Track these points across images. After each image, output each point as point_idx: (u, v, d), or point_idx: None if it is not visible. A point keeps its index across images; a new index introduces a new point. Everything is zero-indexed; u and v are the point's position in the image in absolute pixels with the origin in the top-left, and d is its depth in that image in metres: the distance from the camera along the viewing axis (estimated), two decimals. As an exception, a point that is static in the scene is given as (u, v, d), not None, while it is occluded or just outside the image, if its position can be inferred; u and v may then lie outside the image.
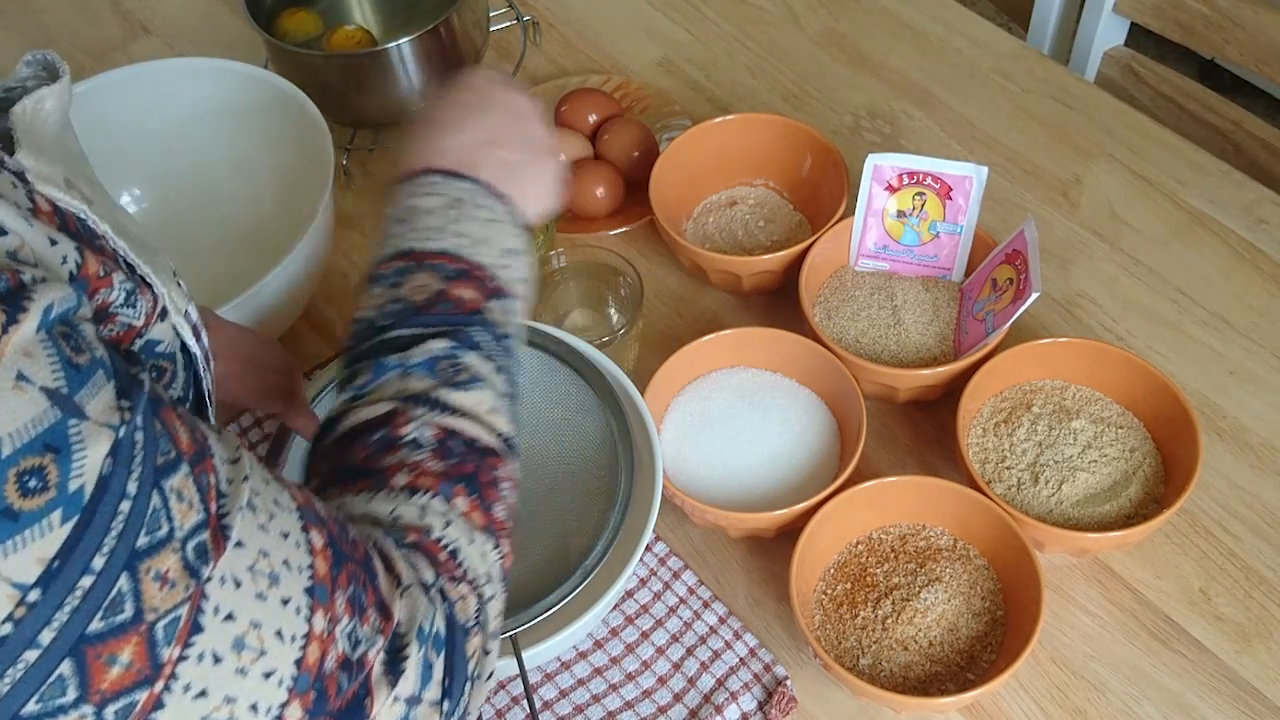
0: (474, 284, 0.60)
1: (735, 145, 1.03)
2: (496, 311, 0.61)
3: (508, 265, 0.62)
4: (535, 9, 1.23)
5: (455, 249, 0.60)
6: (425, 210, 0.61)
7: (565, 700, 0.80)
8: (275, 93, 0.99)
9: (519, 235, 0.64)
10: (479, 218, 0.62)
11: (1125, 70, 1.38)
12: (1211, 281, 0.98)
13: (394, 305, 0.59)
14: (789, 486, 0.86)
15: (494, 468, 0.57)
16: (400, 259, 0.60)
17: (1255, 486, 0.88)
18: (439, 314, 0.58)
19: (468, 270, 0.60)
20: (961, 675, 0.78)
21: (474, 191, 0.63)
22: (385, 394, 0.56)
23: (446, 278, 0.59)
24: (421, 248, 0.60)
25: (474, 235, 0.61)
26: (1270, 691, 0.79)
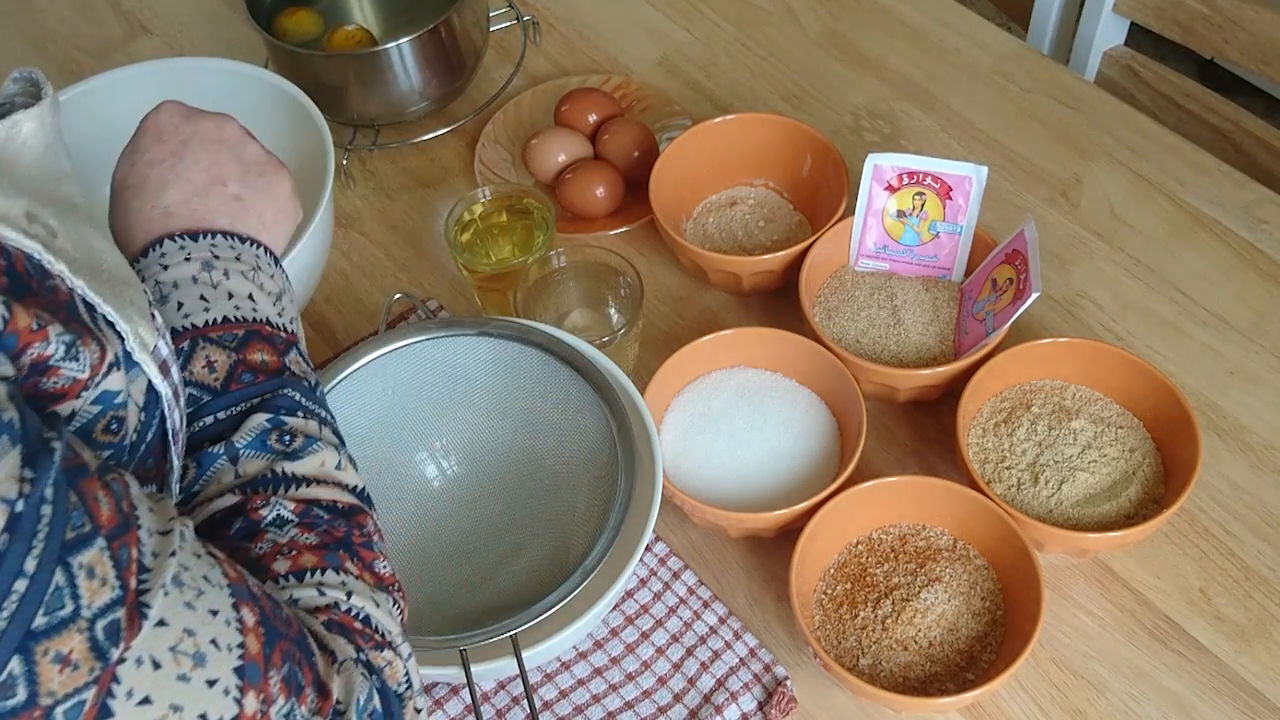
0: (264, 343, 0.57)
1: (735, 145, 1.03)
2: (295, 363, 0.58)
3: (283, 310, 0.60)
4: (535, 9, 1.24)
5: (230, 314, 0.57)
6: (182, 282, 0.58)
7: (565, 700, 0.80)
8: (275, 93, 0.99)
9: (279, 273, 0.61)
10: (238, 271, 0.59)
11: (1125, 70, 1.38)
12: (1211, 281, 0.98)
13: (190, 391, 0.55)
14: (789, 486, 0.86)
15: (361, 525, 0.55)
16: (177, 339, 0.56)
17: (1255, 486, 0.88)
18: (244, 388, 0.55)
19: (254, 331, 0.57)
20: (961, 675, 0.78)
21: (219, 245, 0.59)
22: (224, 485, 0.53)
23: (235, 347, 0.56)
24: (196, 322, 0.57)
25: (241, 291, 0.58)
26: (1270, 691, 0.79)
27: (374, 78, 1.06)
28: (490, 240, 0.98)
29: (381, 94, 1.07)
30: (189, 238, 0.59)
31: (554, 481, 0.81)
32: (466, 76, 1.12)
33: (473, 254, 0.97)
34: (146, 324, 0.50)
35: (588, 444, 0.78)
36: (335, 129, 1.02)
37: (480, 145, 1.11)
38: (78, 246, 0.47)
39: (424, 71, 1.07)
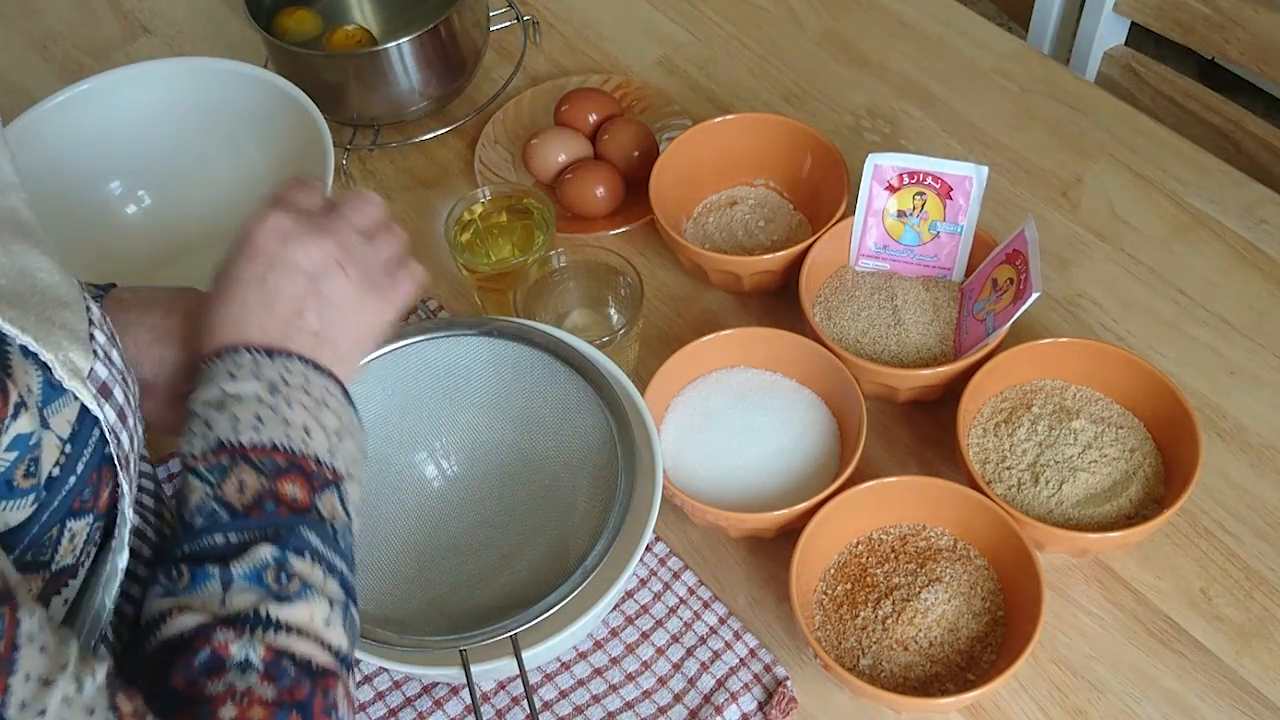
0: (302, 478, 0.56)
1: (735, 145, 1.03)
2: (327, 506, 0.57)
3: (337, 449, 0.58)
4: (535, 9, 1.23)
5: (281, 441, 0.56)
6: (245, 396, 0.57)
7: (565, 700, 0.80)
8: (275, 92, 0.99)
9: (345, 408, 0.60)
10: (301, 401, 0.58)
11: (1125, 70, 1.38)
12: (1211, 281, 0.98)
13: (213, 505, 0.54)
14: (789, 486, 0.86)
15: (328, 690, 0.53)
16: (221, 453, 0.55)
17: (1255, 487, 0.88)
18: (263, 517, 0.54)
19: (295, 464, 0.56)
20: (962, 675, 0.78)
21: (292, 371, 0.58)
22: (208, 605, 0.51)
23: (272, 475, 0.55)
24: (244, 440, 0.55)
25: (298, 422, 0.57)
26: (1270, 692, 0.79)
27: (374, 78, 1.06)
28: (490, 240, 0.98)
29: (381, 94, 1.07)
30: (264, 354, 0.58)
31: (554, 481, 0.81)
32: (466, 76, 1.12)
33: (473, 254, 0.97)
34: (81, 347, 0.48)
35: (588, 444, 0.78)
36: (335, 129, 1.02)
37: (480, 145, 1.11)
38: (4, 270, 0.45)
39: (424, 71, 1.07)
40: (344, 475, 0.58)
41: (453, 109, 1.15)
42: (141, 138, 1.03)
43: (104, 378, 0.50)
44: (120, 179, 1.05)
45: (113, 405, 0.50)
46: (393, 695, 0.81)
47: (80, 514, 0.48)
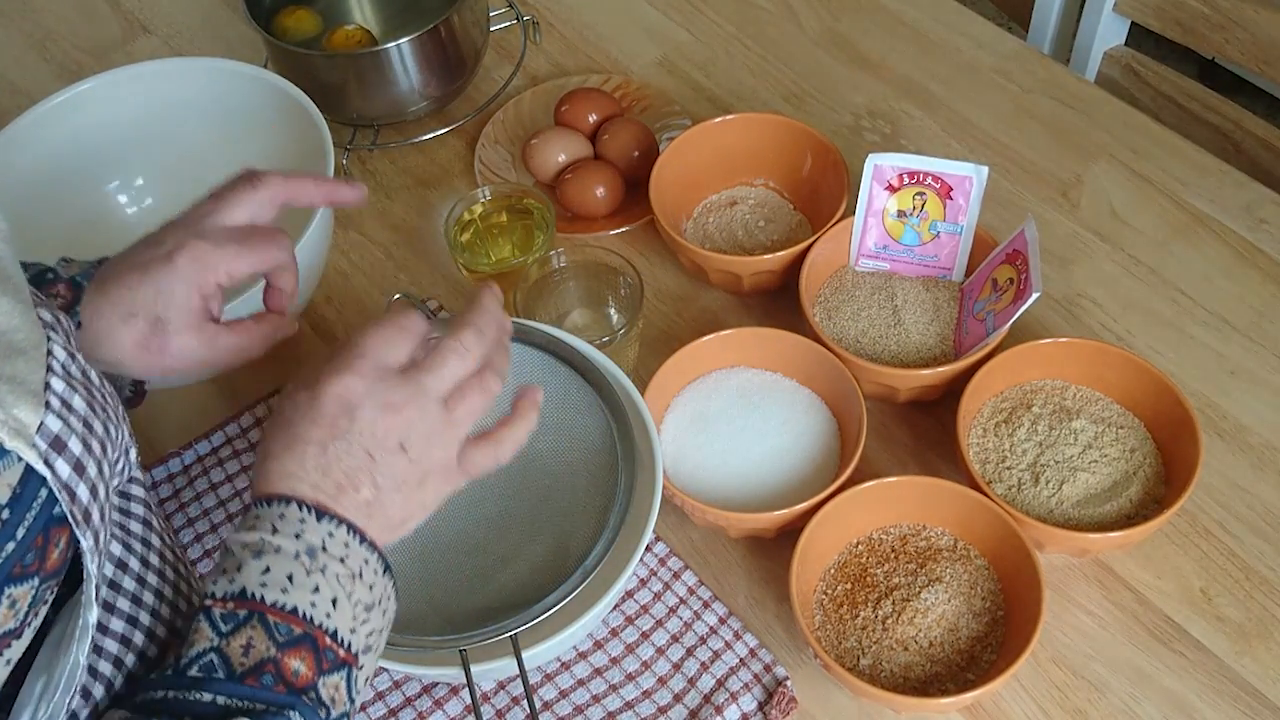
0: (311, 655, 0.54)
1: (735, 145, 1.03)
2: (329, 688, 0.55)
3: (360, 626, 0.57)
4: (535, 9, 1.23)
5: (304, 609, 0.54)
6: (284, 550, 0.55)
7: (565, 700, 0.80)
8: (275, 93, 0.99)
9: (380, 580, 0.59)
10: (336, 572, 0.56)
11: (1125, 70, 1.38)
12: (1211, 281, 0.98)
13: (211, 657, 0.53)
14: (789, 486, 0.86)
15: None
16: (241, 602, 0.54)
17: (1255, 486, 0.88)
18: (256, 688, 0.52)
19: (310, 637, 0.54)
20: (962, 675, 0.78)
21: (334, 537, 0.56)
22: None
23: (282, 644, 0.53)
24: (268, 598, 0.54)
25: (326, 593, 0.55)
26: (1270, 692, 0.79)
27: (374, 78, 1.06)
28: (490, 240, 0.98)
29: (381, 94, 1.07)
30: (313, 513, 0.56)
31: (554, 481, 0.81)
32: (466, 76, 1.12)
33: (473, 254, 0.97)
34: (30, 401, 0.46)
35: (588, 444, 0.78)
36: (335, 129, 1.02)
37: (480, 145, 1.11)
38: None
39: (424, 71, 1.07)
40: (358, 656, 0.57)
41: (453, 109, 1.15)
42: (141, 138, 1.03)
43: (56, 430, 0.47)
44: (120, 179, 1.05)
45: (67, 459, 0.48)
46: (393, 695, 0.81)
47: (22, 579, 0.46)
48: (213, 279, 0.67)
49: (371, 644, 0.58)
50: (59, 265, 0.69)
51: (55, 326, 0.53)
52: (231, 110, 1.03)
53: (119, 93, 1.01)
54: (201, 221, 0.68)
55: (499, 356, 0.64)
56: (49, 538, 0.47)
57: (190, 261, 0.66)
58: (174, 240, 0.67)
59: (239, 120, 1.03)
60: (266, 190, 0.70)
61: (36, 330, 0.50)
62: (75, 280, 0.67)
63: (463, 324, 0.62)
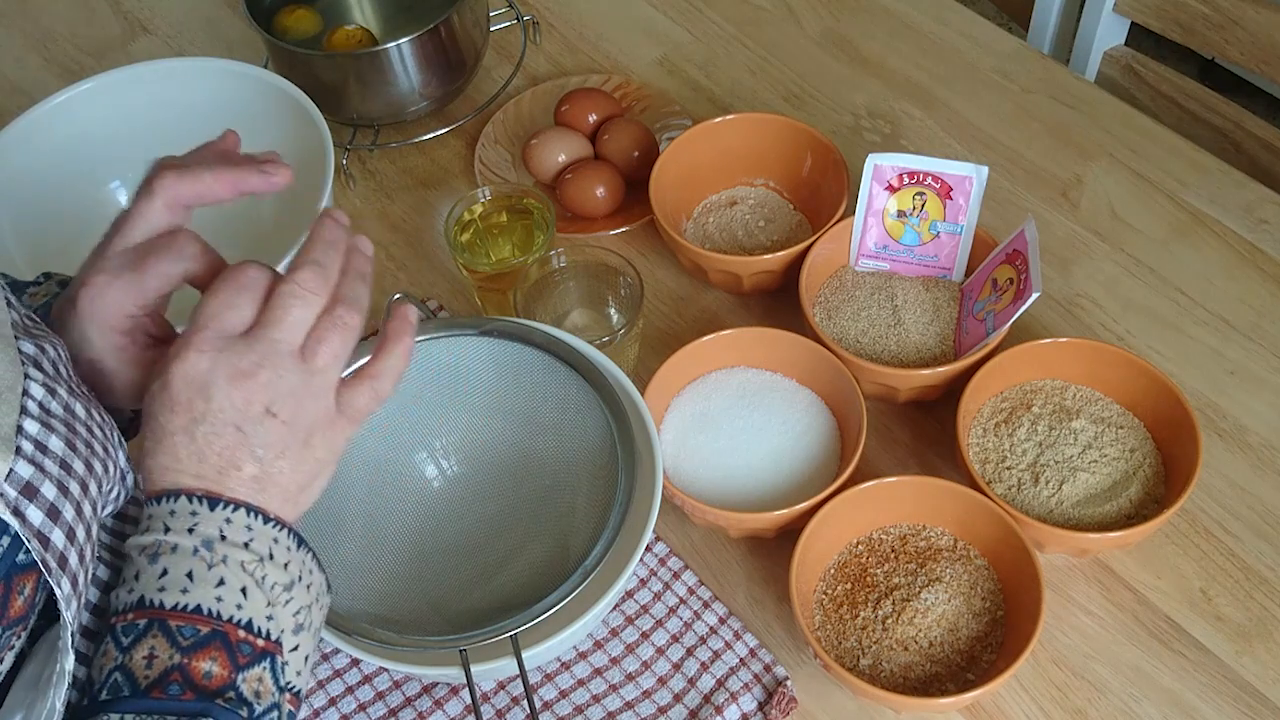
0: (224, 653, 0.51)
1: (735, 145, 1.03)
2: (250, 682, 0.52)
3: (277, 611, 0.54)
4: (535, 9, 1.24)
5: (209, 605, 0.52)
6: (180, 549, 0.52)
7: (565, 700, 0.80)
8: (275, 93, 0.99)
9: (294, 558, 0.55)
10: (240, 560, 0.53)
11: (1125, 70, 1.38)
12: (1211, 281, 0.98)
13: (115, 675, 0.50)
14: (789, 486, 0.86)
15: None
16: (140, 613, 0.51)
17: (1255, 486, 0.88)
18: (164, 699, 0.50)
19: (220, 633, 0.51)
20: (962, 675, 0.78)
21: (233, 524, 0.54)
22: None
23: (187, 648, 0.51)
24: (167, 602, 0.51)
25: (235, 584, 0.53)
26: (1270, 692, 0.79)
27: (374, 78, 1.06)
28: (490, 240, 0.98)
29: (381, 94, 1.07)
30: (205, 503, 0.54)
31: (554, 481, 0.81)
32: (466, 76, 1.12)
33: (473, 254, 0.97)
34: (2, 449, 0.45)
35: (588, 444, 0.78)
36: (335, 129, 1.02)
37: (480, 145, 1.11)
38: None
39: (424, 71, 1.07)
40: (280, 642, 0.54)
41: (453, 109, 1.15)
42: (141, 138, 1.03)
43: (28, 477, 0.45)
44: (120, 179, 1.05)
45: (39, 504, 0.46)
46: (393, 695, 0.81)
47: None
48: (120, 312, 0.61)
49: (302, 622, 0.55)
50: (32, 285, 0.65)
51: (39, 359, 0.51)
52: (231, 110, 1.02)
53: (119, 93, 1.02)
54: (105, 252, 0.62)
55: (351, 286, 0.58)
56: (10, 585, 0.45)
57: (89, 302, 0.60)
58: (75, 281, 0.62)
59: (239, 120, 1.02)
60: (160, 196, 0.63)
61: (13, 369, 0.48)
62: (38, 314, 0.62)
63: (297, 263, 0.58)
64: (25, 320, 0.55)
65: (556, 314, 0.95)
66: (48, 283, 0.66)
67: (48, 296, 0.64)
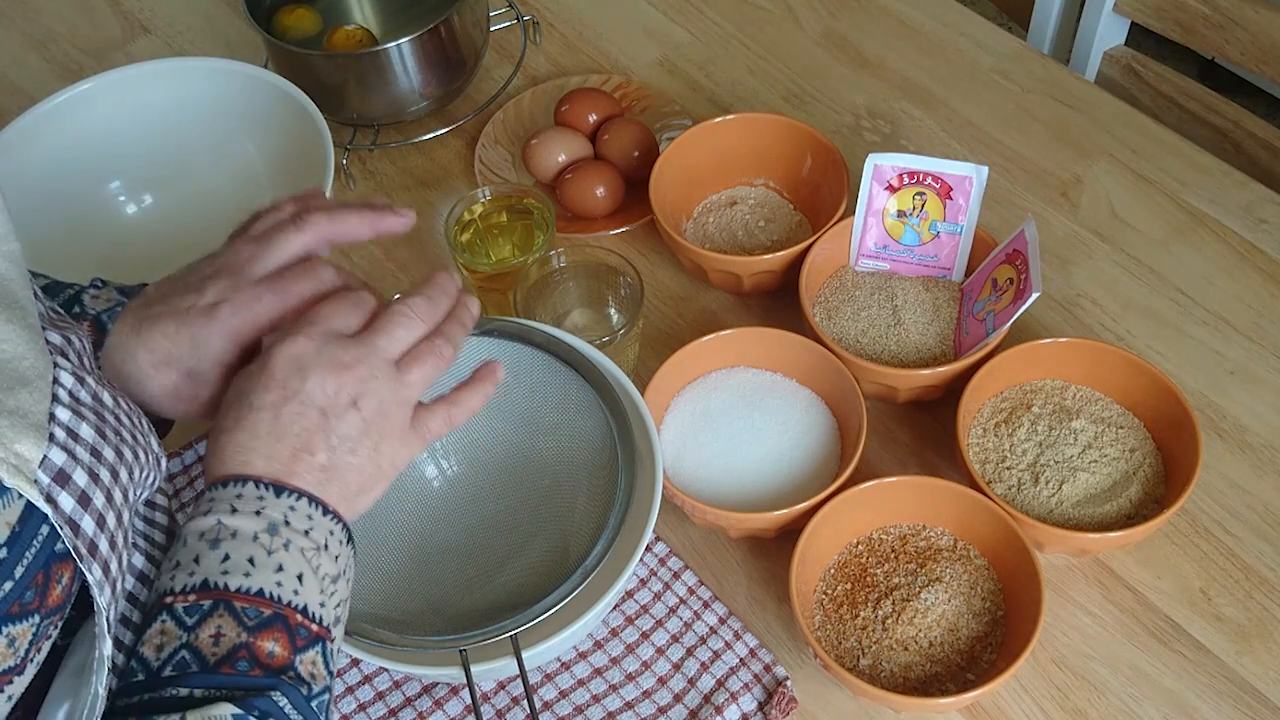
0: (285, 634, 0.54)
1: (735, 145, 1.03)
2: (306, 664, 0.54)
3: (329, 599, 0.56)
4: (535, 8, 1.24)
5: (271, 589, 0.54)
6: (241, 534, 0.55)
7: (565, 701, 0.80)
8: (275, 92, 0.99)
9: (343, 553, 0.58)
10: (300, 546, 0.56)
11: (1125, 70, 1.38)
12: (1211, 281, 0.98)
13: (183, 653, 0.52)
14: (789, 486, 0.86)
15: None
16: (205, 594, 0.53)
17: (1255, 486, 0.88)
18: (232, 675, 0.51)
19: (281, 616, 0.54)
20: (962, 675, 0.78)
21: (296, 511, 0.56)
22: None
23: (252, 627, 0.53)
24: (231, 585, 0.53)
25: (293, 569, 0.55)
26: (1271, 692, 0.79)
27: (374, 78, 1.06)
28: (490, 240, 0.98)
29: (381, 94, 1.07)
30: (270, 489, 0.56)
31: (554, 481, 0.81)
32: (466, 76, 1.12)
33: (473, 254, 0.97)
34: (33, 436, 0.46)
35: (588, 444, 0.78)
36: (335, 129, 1.02)
37: (480, 145, 1.11)
38: None
39: (424, 71, 1.07)
40: (331, 629, 0.56)
41: (453, 109, 1.15)
42: (141, 138, 1.03)
43: (60, 464, 0.47)
44: (120, 179, 1.05)
45: (71, 491, 0.47)
46: (393, 695, 0.81)
47: (21, 617, 0.45)
48: (253, 333, 0.65)
49: (340, 615, 0.58)
50: (91, 289, 0.67)
51: (65, 349, 0.52)
52: (231, 110, 1.03)
53: (119, 93, 1.02)
54: (243, 269, 0.65)
55: (452, 327, 0.64)
56: (50, 574, 0.46)
57: (232, 315, 0.64)
58: (215, 291, 0.64)
59: (239, 120, 1.03)
60: (311, 233, 0.67)
61: (43, 357, 0.49)
62: (100, 320, 0.65)
63: (413, 292, 0.64)
64: (50, 311, 0.56)
65: (556, 314, 0.95)
66: (106, 289, 0.67)
67: (110, 304, 0.66)
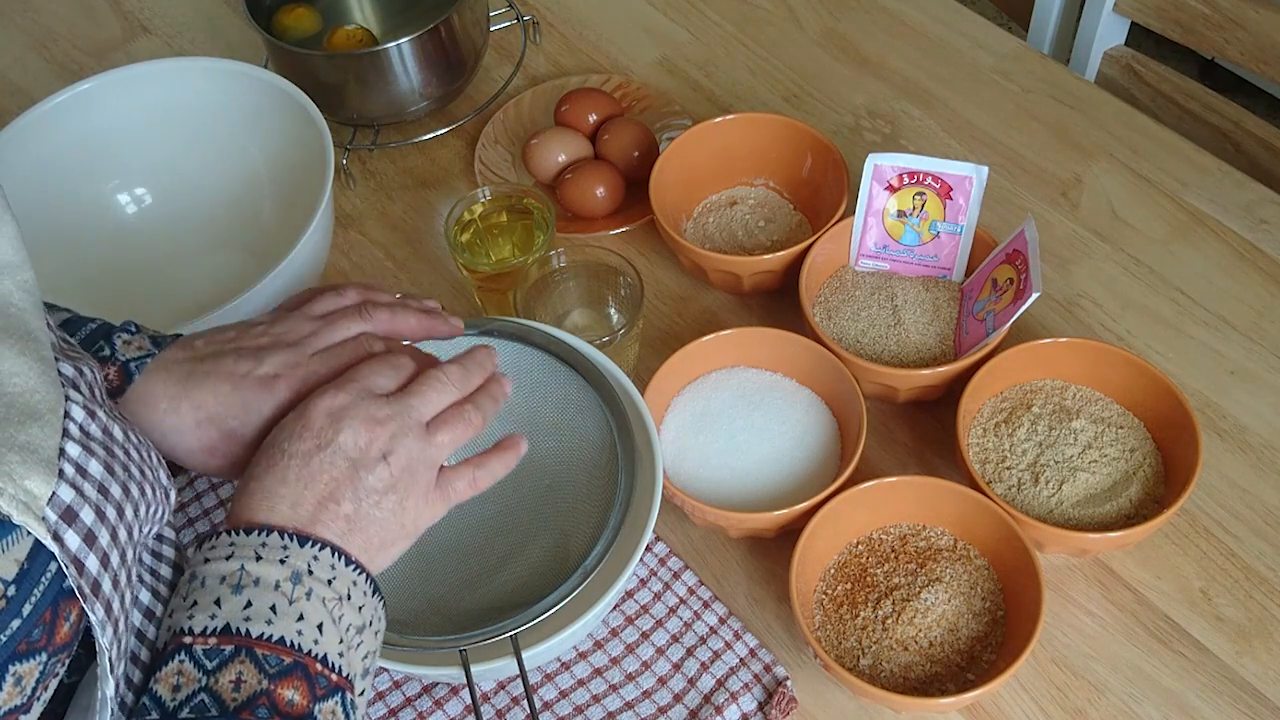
0: (305, 683, 0.54)
1: (735, 145, 1.03)
2: (326, 713, 0.55)
3: (350, 649, 0.57)
4: (535, 8, 1.23)
5: (291, 638, 0.54)
6: (264, 581, 0.55)
7: (565, 701, 0.80)
8: (275, 92, 0.99)
9: (369, 601, 0.59)
10: (322, 596, 0.56)
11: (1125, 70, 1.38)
12: (1211, 281, 0.98)
13: (202, 696, 0.52)
14: (789, 486, 0.86)
15: None
16: (226, 639, 0.53)
17: (1255, 486, 0.88)
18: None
19: (301, 665, 0.54)
20: (962, 675, 0.78)
21: (320, 561, 0.57)
22: None
23: (273, 675, 0.53)
24: (252, 631, 0.54)
25: (313, 619, 0.55)
26: (1270, 692, 0.79)
27: (374, 78, 1.06)
28: (490, 240, 0.98)
29: (381, 94, 1.07)
30: (296, 540, 0.57)
31: (554, 481, 0.81)
32: (466, 76, 1.12)
33: (473, 254, 0.97)
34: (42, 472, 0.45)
35: (588, 444, 0.78)
36: (335, 129, 1.02)
37: (480, 145, 1.11)
38: None
39: (424, 71, 1.07)
40: (352, 680, 0.56)
41: (453, 109, 1.15)
42: (141, 138, 1.03)
43: (69, 501, 0.46)
44: (120, 179, 1.05)
45: (78, 529, 0.46)
46: (393, 695, 0.81)
47: (29, 655, 0.45)
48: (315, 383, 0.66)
49: (369, 667, 0.58)
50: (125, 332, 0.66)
51: (77, 381, 0.52)
52: (231, 110, 1.03)
53: (119, 93, 1.01)
54: (303, 343, 0.66)
55: (484, 399, 0.66)
56: (58, 611, 0.46)
57: (291, 391, 0.64)
58: (274, 364, 0.64)
59: (239, 120, 1.03)
60: (374, 325, 0.69)
61: (55, 391, 0.48)
62: (129, 368, 0.64)
63: (451, 361, 0.66)
64: (62, 342, 0.55)
65: (556, 314, 0.95)
66: (139, 335, 0.66)
67: (142, 353, 0.65)
